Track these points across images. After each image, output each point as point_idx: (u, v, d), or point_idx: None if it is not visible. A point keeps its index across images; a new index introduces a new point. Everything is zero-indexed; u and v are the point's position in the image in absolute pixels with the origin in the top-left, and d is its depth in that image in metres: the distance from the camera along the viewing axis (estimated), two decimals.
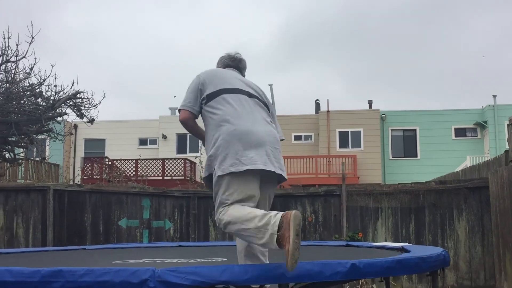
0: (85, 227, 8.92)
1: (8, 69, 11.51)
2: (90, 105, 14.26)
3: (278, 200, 8.78)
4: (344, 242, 6.29)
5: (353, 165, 25.27)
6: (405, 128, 27.21)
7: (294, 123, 27.59)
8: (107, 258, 5.08)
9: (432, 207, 8.52)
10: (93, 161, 25.14)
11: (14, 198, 9.07)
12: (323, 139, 26.69)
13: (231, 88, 3.62)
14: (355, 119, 26.77)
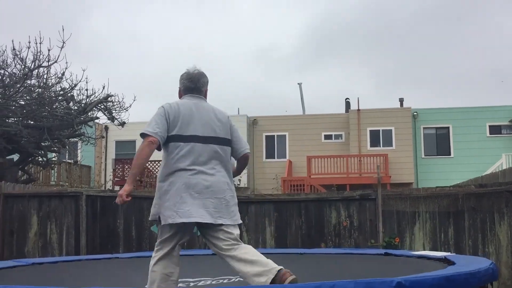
0: (118, 232, 8.87)
1: (40, 74, 11.57)
2: (120, 108, 14.31)
3: (312, 204, 8.62)
4: (382, 250, 6.09)
5: (385, 164, 24.86)
6: (437, 126, 26.68)
7: (324, 122, 27.33)
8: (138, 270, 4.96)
9: (472, 211, 8.24)
10: (124, 162, 25.25)
11: (47, 204, 9.08)
12: (353, 138, 26.35)
13: (186, 136, 3.76)
14: (386, 118, 26.35)
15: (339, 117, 27.55)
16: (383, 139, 26.23)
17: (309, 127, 27.21)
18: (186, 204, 3.62)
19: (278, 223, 8.58)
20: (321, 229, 8.50)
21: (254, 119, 27.55)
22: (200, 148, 3.75)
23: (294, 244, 8.50)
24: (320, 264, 5.40)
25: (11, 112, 9.98)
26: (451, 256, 5.12)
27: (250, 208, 8.68)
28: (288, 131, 27.40)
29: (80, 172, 26.12)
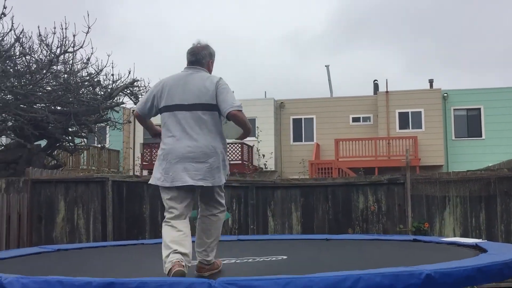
0: (144, 218, 8.86)
1: (66, 60, 11.56)
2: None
3: (340, 189, 8.47)
4: (411, 236, 5.92)
5: (414, 146, 24.47)
6: (468, 107, 26.12)
7: (352, 104, 26.99)
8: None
9: (504, 196, 8.00)
10: (152, 146, 25.35)
11: (74, 190, 9.10)
12: (382, 121, 25.97)
13: (170, 105, 4.02)
14: (415, 99, 25.89)
15: (368, 99, 27.17)
16: (412, 121, 25.81)
17: (336, 109, 26.91)
18: (170, 169, 3.96)
19: (304, 208, 8.47)
20: (348, 214, 8.36)
21: (281, 102, 27.35)
22: (184, 116, 3.98)
23: (321, 229, 8.38)
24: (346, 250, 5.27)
25: (37, 98, 10.00)
26: (482, 243, 4.94)
27: (276, 193, 8.58)
28: (316, 114, 27.15)
29: (108, 157, 26.34)
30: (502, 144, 25.14)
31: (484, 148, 25.49)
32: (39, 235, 9.08)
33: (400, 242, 5.63)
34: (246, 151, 25.16)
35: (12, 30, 10.23)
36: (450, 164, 25.71)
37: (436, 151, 25.31)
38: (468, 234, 8.00)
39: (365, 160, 24.60)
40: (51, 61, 9.64)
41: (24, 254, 5.48)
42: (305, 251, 5.27)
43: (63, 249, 5.93)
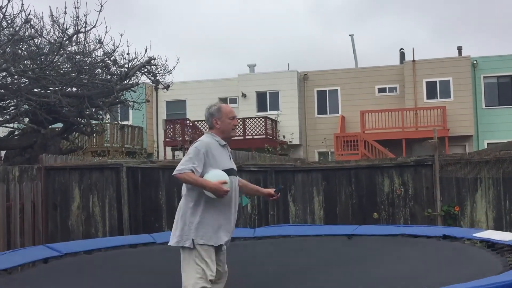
0: (160, 204, 8.56)
1: (79, 41, 11.21)
2: (164, 71, 13.90)
3: (364, 172, 8.03)
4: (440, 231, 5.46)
5: (443, 116, 23.76)
6: (499, 74, 25.20)
7: (378, 75, 26.27)
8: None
9: None
10: (174, 122, 25.09)
11: (88, 177, 8.84)
12: (409, 91, 25.24)
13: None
14: (443, 68, 25.05)
15: (394, 69, 26.41)
16: (441, 91, 25.04)
17: (362, 80, 26.24)
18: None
19: (326, 192, 8.05)
20: (373, 198, 7.92)
21: (305, 74, 26.76)
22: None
23: (344, 214, 7.98)
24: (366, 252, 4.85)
25: (49, 81, 9.69)
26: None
27: (297, 177, 8.17)
28: (340, 86, 26.52)
29: (131, 133, 26.19)
30: None
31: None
32: (55, 223, 8.87)
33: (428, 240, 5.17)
34: (270, 125, 24.75)
35: (22, 12, 9.91)
36: (481, 134, 24.97)
37: (466, 120, 24.56)
38: (502, 219, 7.52)
39: (391, 132, 24.01)
40: (61, 43, 9.27)
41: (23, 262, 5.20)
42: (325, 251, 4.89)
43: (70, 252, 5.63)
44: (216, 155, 4.14)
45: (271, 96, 26.53)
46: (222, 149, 4.23)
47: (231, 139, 4.33)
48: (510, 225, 7.52)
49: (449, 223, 7.62)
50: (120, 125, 15.88)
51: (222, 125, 4.23)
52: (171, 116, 27.34)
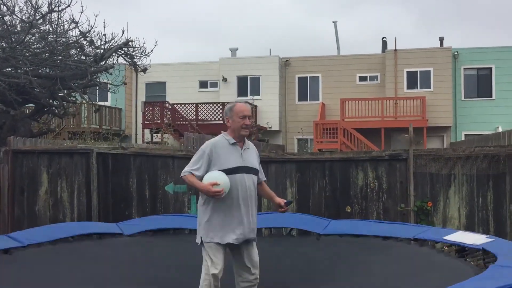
0: (131, 192, 8.36)
1: (53, 20, 10.88)
2: (142, 54, 13.61)
3: (338, 165, 7.90)
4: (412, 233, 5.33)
5: (422, 107, 23.75)
6: (479, 66, 25.23)
7: (359, 63, 26.14)
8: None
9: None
10: (154, 105, 24.77)
11: (57, 161, 8.59)
12: (389, 80, 25.16)
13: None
14: (424, 58, 24.99)
15: (375, 57, 26.29)
16: (421, 81, 25.00)
17: (343, 68, 26.10)
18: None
19: (300, 184, 7.91)
20: (346, 191, 7.80)
21: (287, 60, 26.54)
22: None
23: (317, 207, 7.85)
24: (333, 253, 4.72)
25: (20, 61, 9.38)
26: (490, 244, 4.36)
27: (271, 167, 8.01)
28: (322, 73, 26.36)
29: (110, 115, 25.81)
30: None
31: (494, 109, 24.77)
32: (22, 208, 8.62)
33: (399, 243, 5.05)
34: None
35: None
36: (459, 125, 25.04)
37: (445, 111, 24.60)
38: (474, 216, 7.44)
39: (371, 121, 23.97)
40: (31, 22, 8.96)
41: None
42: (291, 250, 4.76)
43: (33, 243, 5.43)
44: (222, 154, 4.24)
45: (252, 81, 26.29)
46: (231, 148, 4.29)
47: (244, 137, 4.36)
48: (482, 222, 7.46)
49: (422, 218, 7.53)
50: (96, 107, 15.48)
51: (232, 124, 4.31)
52: (151, 98, 26.97)
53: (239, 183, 4.19)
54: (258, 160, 4.51)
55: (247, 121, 4.29)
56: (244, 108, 4.36)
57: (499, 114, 24.52)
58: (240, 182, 4.21)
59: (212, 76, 27.05)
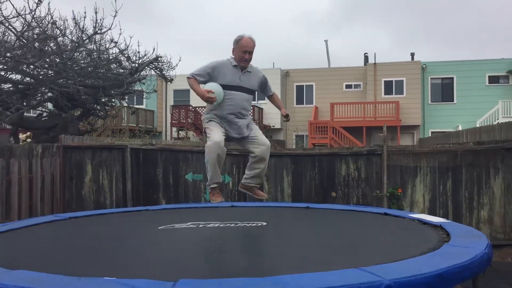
0: (158, 180, 8.30)
1: (97, 41, 10.82)
2: (169, 67, 13.52)
3: (325, 158, 7.80)
4: (382, 210, 5.25)
5: (396, 109, 23.58)
6: (443, 76, 25.00)
7: (346, 74, 25.98)
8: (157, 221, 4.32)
9: (469, 166, 7.27)
10: (180, 108, 24.74)
11: (99, 155, 8.55)
12: (370, 87, 25.00)
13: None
14: (398, 70, 24.83)
15: (358, 69, 26.12)
16: (396, 88, 24.84)
17: (332, 78, 25.95)
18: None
19: (294, 174, 7.83)
20: (332, 180, 7.70)
21: (287, 71, 26.40)
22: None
23: (308, 192, 7.77)
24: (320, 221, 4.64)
25: (69, 74, 9.32)
26: (446, 224, 4.25)
27: (271, 160, 7.87)
28: (315, 82, 26.22)
29: (145, 116, 25.80)
30: (470, 108, 24.20)
31: (455, 111, 24.57)
32: (71, 193, 8.60)
33: (373, 215, 4.96)
34: (257, 113, 24.43)
35: (48, 15, 9.52)
36: (426, 124, 24.84)
37: (415, 113, 24.41)
38: (436, 200, 7.33)
39: (355, 121, 23.84)
40: (78, 43, 8.90)
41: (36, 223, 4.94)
42: (284, 218, 4.68)
43: (73, 216, 5.38)
44: (225, 72, 4.20)
45: None
46: (233, 69, 4.23)
47: (243, 67, 4.28)
48: (442, 205, 7.35)
49: (393, 202, 7.43)
50: (132, 111, 15.45)
51: (236, 55, 4.25)
52: (177, 102, 26.93)
53: (232, 97, 4.23)
54: (260, 81, 4.47)
55: (247, 56, 4.19)
56: (247, 43, 4.19)
57: (459, 115, 24.31)
58: (234, 97, 4.22)
59: None
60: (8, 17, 8.91)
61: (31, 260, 3.08)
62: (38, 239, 3.99)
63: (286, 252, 3.21)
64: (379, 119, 23.68)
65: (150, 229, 4.10)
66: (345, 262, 2.82)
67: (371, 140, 24.48)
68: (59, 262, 2.93)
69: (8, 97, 8.97)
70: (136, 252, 3.25)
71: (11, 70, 9.24)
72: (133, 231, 4.14)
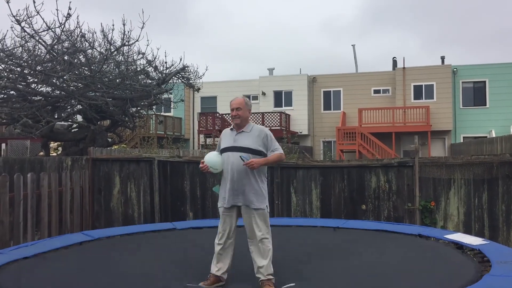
0: (185, 192, 8.27)
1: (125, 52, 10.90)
2: (196, 77, 13.55)
3: (355, 170, 7.62)
4: (417, 230, 5.05)
5: (427, 114, 23.07)
6: (475, 80, 24.34)
7: (373, 79, 25.60)
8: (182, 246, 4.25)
9: (506, 179, 6.97)
10: (207, 115, 24.82)
11: (127, 167, 8.58)
12: (399, 92, 24.55)
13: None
14: (428, 74, 24.29)
15: (387, 74, 25.69)
16: (426, 93, 24.30)
17: (360, 83, 25.61)
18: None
19: (323, 186, 7.67)
20: (362, 192, 7.51)
21: (314, 77, 26.19)
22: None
23: (337, 205, 7.60)
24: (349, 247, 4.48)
25: (98, 85, 9.41)
26: (485, 247, 4.05)
27: (298, 172, 7.80)
28: (343, 87, 25.92)
29: (173, 123, 25.97)
30: (503, 112, 23.50)
31: (488, 115, 23.88)
32: (100, 205, 8.65)
33: (405, 237, 4.78)
34: (284, 119, 24.31)
35: (77, 28, 9.63)
36: (458, 129, 24.22)
37: (446, 118, 23.83)
38: (471, 214, 7.05)
39: (384, 126, 23.42)
40: (106, 56, 8.97)
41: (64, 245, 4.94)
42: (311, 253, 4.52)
43: (103, 237, 5.37)
44: (223, 139, 4.33)
45: (286, 95, 26.06)
46: (230, 132, 4.30)
47: (237, 125, 4.25)
48: (478, 219, 7.07)
49: (426, 215, 7.19)
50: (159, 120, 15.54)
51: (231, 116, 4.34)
52: (204, 110, 27.05)
53: (225, 160, 4.16)
54: (260, 140, 4.16)
55: (234, 113, 4.20)
56: (233, 102, 4.27)
57: (492, 119, 23.63)
58: (227, 159, 4.15)
59: (253, 91, 26.93)
60: (38, 30, 9.07)
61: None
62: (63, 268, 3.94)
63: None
64: (408, 124, 23.22)
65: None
66: None
67: (401, 146, 24.01)
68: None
69: (38, 110, 9.11)
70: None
71: (41, 83, 9.39)
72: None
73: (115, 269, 3.80)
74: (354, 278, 3.30)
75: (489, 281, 3.00)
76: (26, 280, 3.17)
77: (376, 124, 23.58)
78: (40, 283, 3.23)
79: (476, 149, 16.35)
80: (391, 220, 7.23)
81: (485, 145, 14.85)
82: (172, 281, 3.35)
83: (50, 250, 4.59)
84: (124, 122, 10.92)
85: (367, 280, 3.29)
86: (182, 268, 3.78)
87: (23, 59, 9.13)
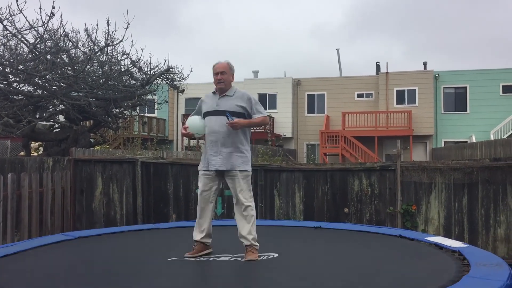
0: (168, 194, 8.22)
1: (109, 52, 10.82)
2: (180, 78, 13.51)
3: (338, 174, 7.66)
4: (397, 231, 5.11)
5: (409, 119, 23.34)
6: (456, 85, 24.71)
7: (357, 83, 25.82)
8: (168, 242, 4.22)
9: (485, 183, 7.08)
10: None
11: (110, 168, 8.50)
12: (382, 97, 24.80)
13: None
14: (411, 79, 24.59)
15: (370, 78, 25.94)
16: (408, 98, 24.59)
17: (344, 87, 25.81)
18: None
19: (306, 189, 7.70)
20: (344, 195, 7.56)
21: (298, 80, 26.31)
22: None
23: (320, 208, 7.63)
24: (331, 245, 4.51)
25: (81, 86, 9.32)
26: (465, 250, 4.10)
27: (282, 175, 7.81)
28: (327, 91, 26.09)
29: (156, 124, 25.82)
30: (483, 117, 23.88)
31: (468, 120, 24.25)
32: (81, 206, 8.55)
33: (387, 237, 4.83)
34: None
35: (61, 27, 9.52)
36: (439, 134, 24.55)
37: (427, 123, 24.14)
38: (451, 217, 7.15)
39: (367, 130, 23.63)
40: (90, 56, 8.89)
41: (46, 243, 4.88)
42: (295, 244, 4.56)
43: (83, 236, 5.31)
44: (206, 102, 4.26)
45: (270, 98, 26.11)
46: (213, 96, 4.23)
47: (220, 89, 4.19)
48: (458, 223, 7.17)
49: (407, 219, 7.27)
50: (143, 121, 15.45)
51: (214, 81, 4.25)
52: (189, 111, 26.92)
53: (208, 124, 4.12)
54: (243, 103, 4.12)
55: (218, 76, 4.14)
56: (216, 66, 4.22)
57: (473, 125, 24.00)
58: (210, 123, 4.11)
59: None
60: (21, 29, 8.95)
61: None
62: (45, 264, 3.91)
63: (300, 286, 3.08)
64: (391, 128, 23.47)
65: (159, 259, 3.98)
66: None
67: (383, 149, 24.24)
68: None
69: (20, 110, 8.98)
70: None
71: (23, 82, 9.26)
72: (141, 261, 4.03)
73: (98, 267, 3.76)
74: (333, 276, 3.32)
75: (468, 282, 3.05)
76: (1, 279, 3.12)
77: (359, 128, 23.78)
78: (16, 281, 3.18)
79: (456, 154, 16.58)
80: (373, 223, 7.29)
81: (466, 150, 15.07)
82: (157, 277, 3.34)
83: (28, 249, 4.53)
84: (107, 123, 10.82)
85: (346, 277, 3.31)
86: (164, 265, 3.77)
87: (4, 57, 8.99)
